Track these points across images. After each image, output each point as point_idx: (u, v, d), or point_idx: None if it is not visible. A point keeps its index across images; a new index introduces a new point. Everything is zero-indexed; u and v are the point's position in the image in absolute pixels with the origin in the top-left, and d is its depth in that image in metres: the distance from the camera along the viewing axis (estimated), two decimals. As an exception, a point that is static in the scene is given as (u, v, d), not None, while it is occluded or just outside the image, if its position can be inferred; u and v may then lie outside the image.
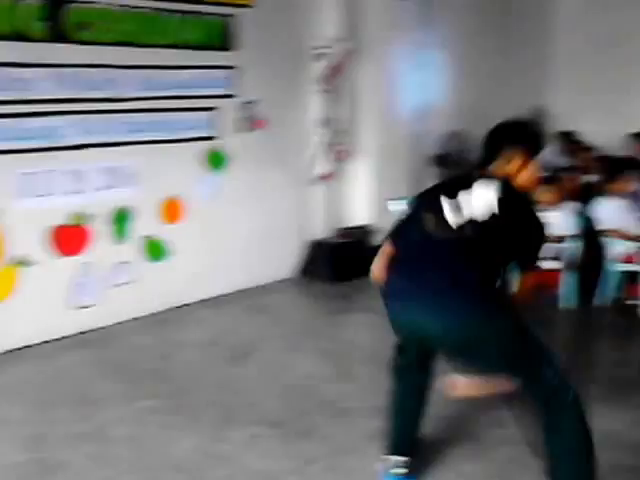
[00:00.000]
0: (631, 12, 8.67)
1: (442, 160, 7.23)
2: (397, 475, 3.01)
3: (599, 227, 5.50)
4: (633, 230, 5.42)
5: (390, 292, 2.80)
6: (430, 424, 3.30)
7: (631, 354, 4.78)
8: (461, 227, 2.63)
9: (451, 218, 2.66)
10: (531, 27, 9.00)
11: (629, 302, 5.41)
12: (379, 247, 6.62)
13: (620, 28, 8.71)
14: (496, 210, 2.61)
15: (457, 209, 2.67)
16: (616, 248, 5.41)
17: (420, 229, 2.74)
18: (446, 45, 7.55)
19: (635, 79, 8.82)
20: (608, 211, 5.47)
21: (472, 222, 2.62)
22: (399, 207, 6.52)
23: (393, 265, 2.84)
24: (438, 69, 7.51)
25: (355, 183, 6.75)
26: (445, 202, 2.71)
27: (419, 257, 2.72)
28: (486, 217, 2.61)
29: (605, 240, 5.45)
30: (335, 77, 5.82)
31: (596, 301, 5.44)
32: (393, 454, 3.02)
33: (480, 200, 2.65)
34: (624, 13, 8.71)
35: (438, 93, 7.52)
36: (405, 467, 3.01)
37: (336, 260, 6.24)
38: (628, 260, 5.39)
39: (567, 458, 2.56)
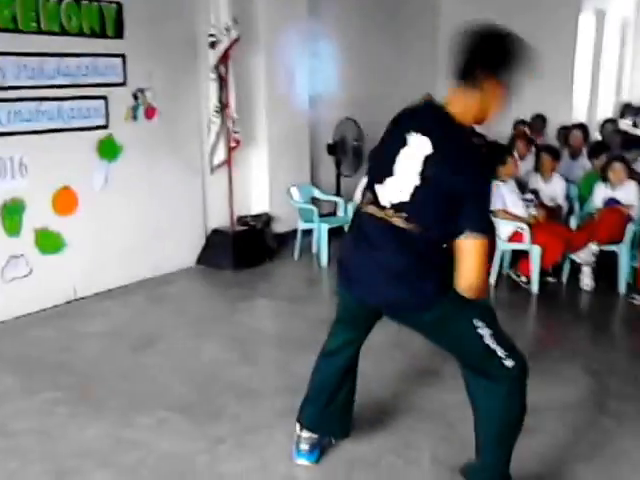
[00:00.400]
0: (502, 3, 9.12)
1: (337, 148, 7.37)
2: (302, 450, 3.06)
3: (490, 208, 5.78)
4: (519, 211, 5.73)
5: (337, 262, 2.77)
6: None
7: (524, 327, 5.08)
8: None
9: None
10: (421, 18, 9.32)
11: (518, 278, 5.72)
12: (279, 235, 6.69)
13: (503, 18, 9.12)
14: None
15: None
16: (504, 228, 5.70)
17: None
18: (338, 35, 7.71)
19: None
20: (496, 195, 5.75)
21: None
22: (297, 193, 6.68)
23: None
24: (331, 58, 7.66)
25: (253, 171, 6.79)
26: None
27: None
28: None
29: (495, 220, 5.74)
30: (227, 65, 5.82)
31: (490, 278, 5.73)
32: (305, 428, 3.05)
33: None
34: (494, 5, 9.16)
35: (332, 82, 7.67)
36: (311, 443, 3.06)
37: (236, 248, 6.26)
38: (516, 239, 5.70)
39: (498, 423, 2.62)
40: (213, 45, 5.75)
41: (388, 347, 4.37)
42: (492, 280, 5.69)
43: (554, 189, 6.36)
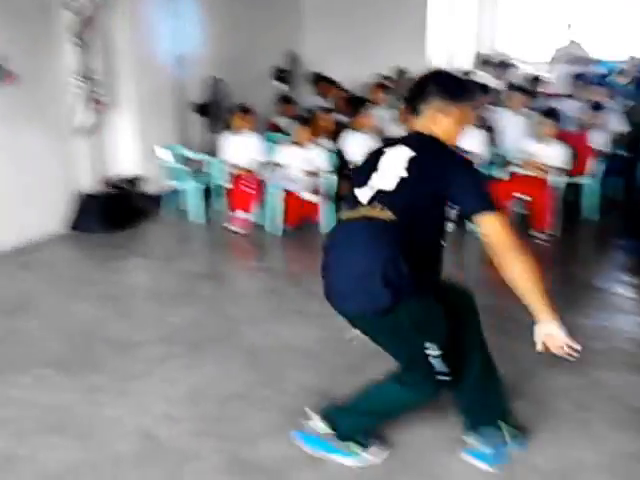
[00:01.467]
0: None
1: (204, 107, 7.45)
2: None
3: (351, 160, 6.08)
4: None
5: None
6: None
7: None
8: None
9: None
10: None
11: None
12: (151, 196, 6.72)
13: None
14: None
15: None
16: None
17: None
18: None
19: (378, 25, 9.60)
20: (355, 145, 6.06)
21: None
22: (166, 154, 6.73)
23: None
24: (195, 18, 7.67)
25: (119, 133, 6.77)
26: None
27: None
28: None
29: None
30: (87, 27, 5.77)
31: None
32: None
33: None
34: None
35: (195, 41, 7.69)
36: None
37: (106, 211, 6.25)
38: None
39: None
40: (75, 10, 5.67)
41: (264, 292, 4.63)
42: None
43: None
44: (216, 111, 7.55)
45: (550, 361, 3.52)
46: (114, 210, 6.32)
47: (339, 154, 6.26)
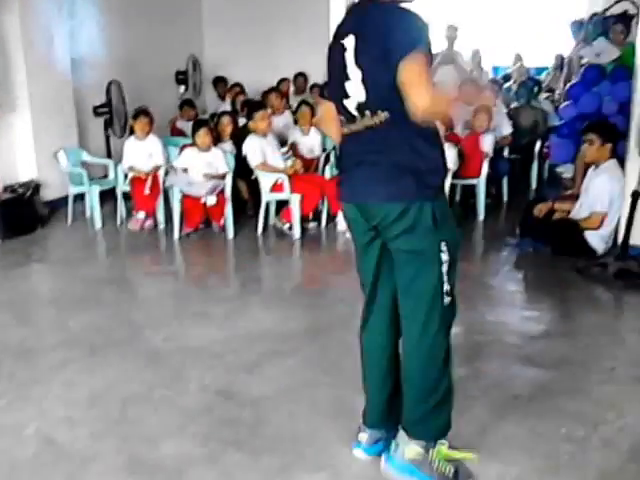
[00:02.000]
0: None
1: (103, 111, 7.39)
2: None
3: (251, 162, 6.19)
4: (277, 163, 6.21)
5: None
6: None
7: (290, 268, 5.59)
8: None
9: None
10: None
11: (282, 226, 6.20)
12: (51, 201, 6.65)
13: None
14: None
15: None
16: (266, 180, 6.15)
17: None
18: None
19: (279, 30, 9.75)
20: (253, 148, 6.16)
21: None
22: (65, 158, 6.65)
23: None
24: (92, 20, 7.60)
25: (16, 137, 6.65)
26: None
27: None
28: None
29: (257, 173, 6.18)
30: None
31: (258, 228, 6.16)
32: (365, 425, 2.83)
33: None
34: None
35: (94, 44, 7.63)
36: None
37: (3, 217, 6.12)
38: (277, 189, 6.17)
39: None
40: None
41: (167, 295, 4.68)
42: (260, 229, 6.14)
43: (312, 142, 6.92)
44: (116, 114, 7.50)
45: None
46: (12, 216, 6.20)
47: (239, 157, 6.35)
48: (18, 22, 6.41)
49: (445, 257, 2.51)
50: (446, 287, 2.53)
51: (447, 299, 2.55)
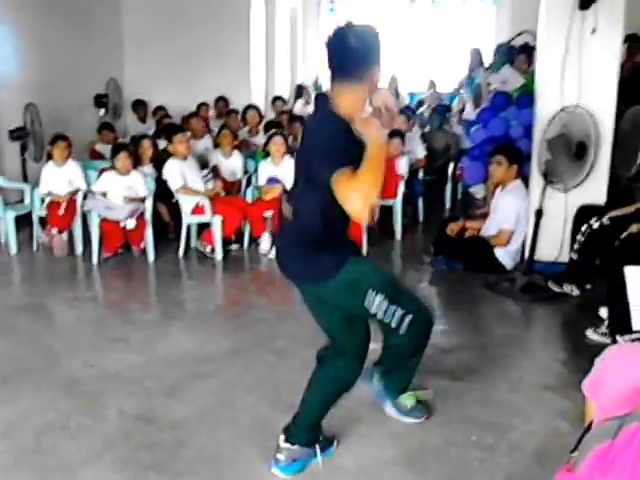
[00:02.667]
0: (176, 4, 9.65)
1: (19, 134, 7.26)
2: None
3: (171, 186, 6.19)
4: (198, 186, 6.23)
5: None
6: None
7: (212, 290, 5.60)
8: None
9: None
10: (99, 3, 9.39)
11: (204, 249, 6.21)
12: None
13: (176, 6, 9.62)
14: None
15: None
16: (187, 203, 6.17)
17: None
18: (12, 19, 7.53)
19: (199, 53, 9.81)
20: (176, 171, 6.17)
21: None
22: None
23: None
24: (7, 41, 7.47)
25: None
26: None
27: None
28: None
29: (178, 196, 6.18)
30: None
31: (179, 252, 6.16)
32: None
33: None
34: (170, 4, 9.68)
35: (10, 66, 7.50)
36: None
37: None
38: (198, 212, 6.19)
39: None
40: None
41: (84, 322, 4.64)
42: (181, 252, 6.14)
43: (234, 164, 6.97)
44: (32, 138, 7.37)
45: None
46: None
47: (160, 180, 6.34)
48: None
49: None
50: None
51: None
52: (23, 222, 6.46)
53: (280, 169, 6.39)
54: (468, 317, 4.78)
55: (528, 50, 7.34)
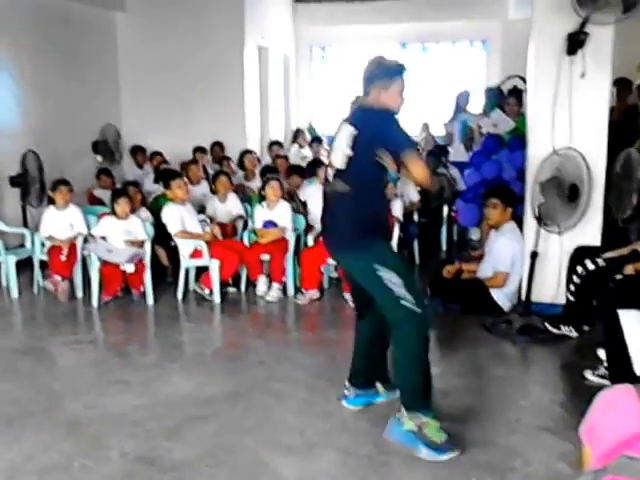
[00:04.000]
0: (176, 40, 9.83)
1: (19, 180, 7.35)
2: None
3: (170, 230, 6.26)
4: (196, 230, 6.31)
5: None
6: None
7: (210, 333, 5.63)
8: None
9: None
10: (96, 51, 9.59)
11: (202, 291, 6.26)
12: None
13: (172, 54, 9.82)
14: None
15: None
16: (186, 247, 6.23)
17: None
18: (12, 67, 7.68)
19: (196, 100, 9.98)
20: (175, 215, 6.25)
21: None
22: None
23: None
24: (6, 89, 7.61)
25: None
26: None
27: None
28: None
29: (176, 241, 6.25)
30: None
31: (178, 295, 6.20)
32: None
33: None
34: (171, 41, 9.87)
35: (10, 114, 7.62)
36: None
37: None
38: (197, 255, 6.25)
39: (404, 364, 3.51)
40: None
41: (85, 364, 4.66)
42: (180, 295, 6.19)
43: (230, 208, 7.04)
44: (32, 184, 7.46)
45: (358, 413, 3.90)
46: None
47: (158, 224, 6.41)
48: None
49: None
50: None
51: None
52: (24, 266, 6.52)
53: (275, 213, 6.47)
54: (466, 359, 4.81)
55: (518, 93, 7.49)
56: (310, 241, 6.53)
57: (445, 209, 8.09)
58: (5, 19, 7.59)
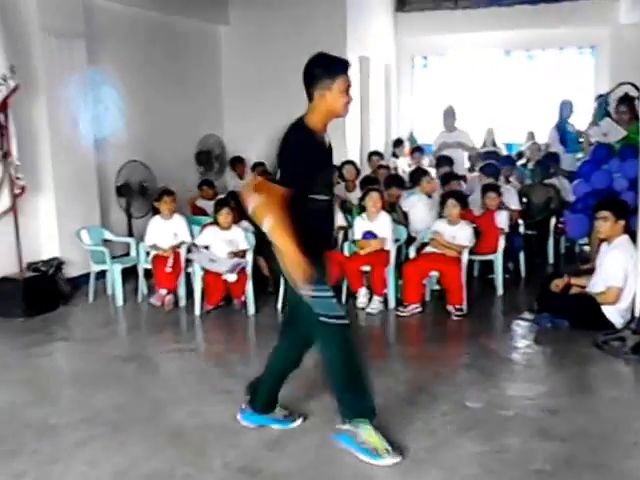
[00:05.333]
0: (278, 52, 9.92)
1: (125, 189, 7.60)
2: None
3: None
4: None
5: None
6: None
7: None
8: None
9: None
10: (199, 64, 9.82)
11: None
12: (73, 279, 6.74)
13: (273, 66, 9.91)
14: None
15: None
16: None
17: None
18: (120, 81, 7.96)
19: (294, 109, 10.01)
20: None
21: None
22: (89, 237, 6.79)
23: None
24: (115, 103, 7.88)
25: (40, 216, 6.82)
26: None
27: None
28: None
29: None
30: (6, 113, 5.88)
31: (278, 305, 6.21)
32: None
33: None
34: (273, 54, 9.98)
35: (117, 126, 7.89)
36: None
37: (27, 295, 6.22)
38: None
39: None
40: (-10, 92, 5.80)
41: (187, 373, 4.69)
42: (280, 306, 6.19)
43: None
44: (135, 194, 7.69)
45: (463, 430, 3.77)
46: (35, 294, 6.29)
47: (258, 234, 6.45)
48: (45, 110, 6.66)
49: None
50: None
51: None
52: (129, 275, 6.70)
53: (375, 224, 6.39)
54: (575, 377, 4.58)
55: (629, 101, 7.15)
56: (412, 253, 6.42)
57: (553, 220, 7.78)
58: (110, 33, 7.88)
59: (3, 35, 5.81)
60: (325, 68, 3.41)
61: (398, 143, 11.83)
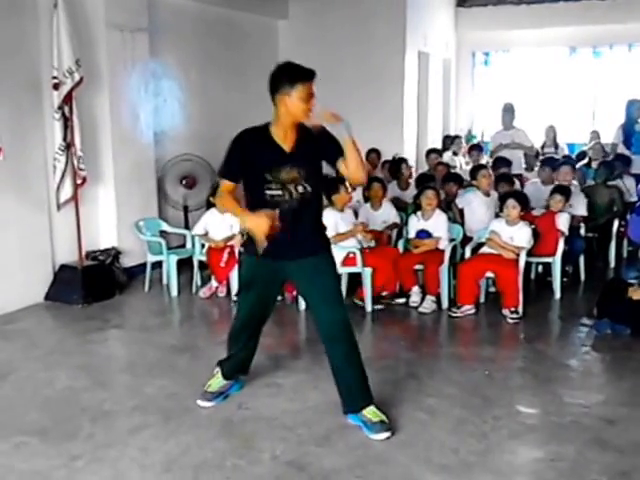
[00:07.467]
0: (337, 47, 9.91)
1: (187, 183, 7.68)
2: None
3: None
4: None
5: None
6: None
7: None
8: None
9: None
10: (258, 58, 9.83)
11: (361, 303, 6.15)
12: (129, 268, 6.86)
13: (332, 61, 9.86)
14: None
15: None
16: (338, 253, 6.18)
17: None
18: (180, 74, 8.06)
19: (351, 104, 9.97)
20: (330, 221, 6.22)
21: None
22: (146, 228, 6.89)
23: None
24: (174, 97, 7.98)
25: (100, 206, 6.95)
26: None
27: None
28: None
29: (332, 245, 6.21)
30: (71, 105, 6.01)
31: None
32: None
33: None
34: (331, 49, 9.97)
35: (176, 119, 7.99)
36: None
37: (86, 283, 6.36)
38: (349, 263, 6.19)
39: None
40: (56, 87, 5.92)
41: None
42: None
43: (384, 216, 6.93)
44: (193, 187, 7.76)
45: (515, 435, 3.70)
46: (93, 282, 6.43)
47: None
48: (107, 102, 6.78)
49: None
50: None
51: None
52: (184, 266, 6.78)
53: (430, 223, 6.31)
54: (636, 387, 4.44)
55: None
56: (467, 253, 6.33)
57: (615, 223, 7.56)
58: (171, 27, 7.95)
59: (70, 29, 5.93)
60: (286, 76, 3.63)
61: (454, 139, 11.67)
